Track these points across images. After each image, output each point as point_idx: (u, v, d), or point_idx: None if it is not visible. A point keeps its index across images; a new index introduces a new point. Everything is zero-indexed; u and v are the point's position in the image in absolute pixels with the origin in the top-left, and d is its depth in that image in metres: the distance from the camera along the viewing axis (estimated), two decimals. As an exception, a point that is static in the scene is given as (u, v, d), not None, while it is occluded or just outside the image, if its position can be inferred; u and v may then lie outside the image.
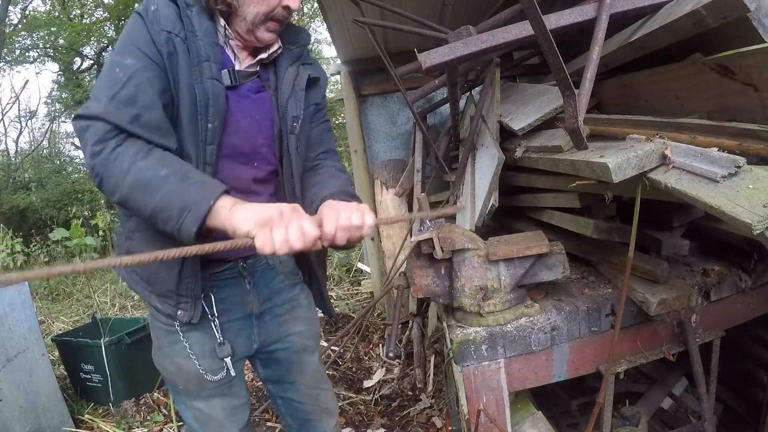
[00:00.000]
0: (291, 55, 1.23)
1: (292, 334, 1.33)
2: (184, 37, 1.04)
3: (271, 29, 1.13)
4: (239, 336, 1.25)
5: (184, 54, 1.03)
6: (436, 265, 1.44)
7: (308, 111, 1.25)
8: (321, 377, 1.45)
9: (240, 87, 1.15)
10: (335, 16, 3.17)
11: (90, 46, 16.07)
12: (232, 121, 1.12)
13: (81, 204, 11.09)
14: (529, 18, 1.09)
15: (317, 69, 1.29)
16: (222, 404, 1.26)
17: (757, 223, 0.86)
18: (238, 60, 1.16)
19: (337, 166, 1.32)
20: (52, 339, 3.25)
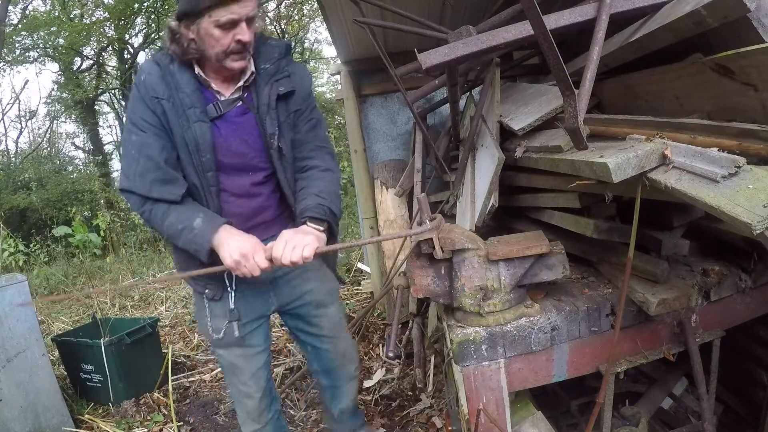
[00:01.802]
0: (266, 73, 1.45)
1: (306, 293, 1.65)
2: (169, 96, 1.36)
3: (236, 59, 1.36)
4: (255, 302, 1.60)
5: (171, 111, 1.36)
6: (436, 265, 1.44)
7: (288, 121, 1.48)
8: (339, 327, 1.74)
9: (226, 114, 1.42)
10: (335, 16, 3.17)
11: (90, 46, 16.07)
12: (222, 146, 1.42)
13: (81, 204, 11.09)
14: (529, 18, 1.09)
15: (291, 80, 1.48)
16: (238, 352, 1.63)
17: (757, 223, 0.86)
18: (220, 93, 1.43)
19: (323, 165, 1.53)
20: (52, 339, 3.25)
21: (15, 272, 3.07)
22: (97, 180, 13.46)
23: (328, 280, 1.73)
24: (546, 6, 1.59)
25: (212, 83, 1.41)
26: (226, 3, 1.27)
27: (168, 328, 4.23)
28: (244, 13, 1.30)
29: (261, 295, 1.60)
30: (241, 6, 1.29)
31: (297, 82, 1.49)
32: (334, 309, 1.73)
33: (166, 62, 1.38)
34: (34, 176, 12.56)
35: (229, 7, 1.27)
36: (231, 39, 1.32)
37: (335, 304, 1.74)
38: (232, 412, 2.87)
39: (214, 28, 1.30)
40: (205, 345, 3.83)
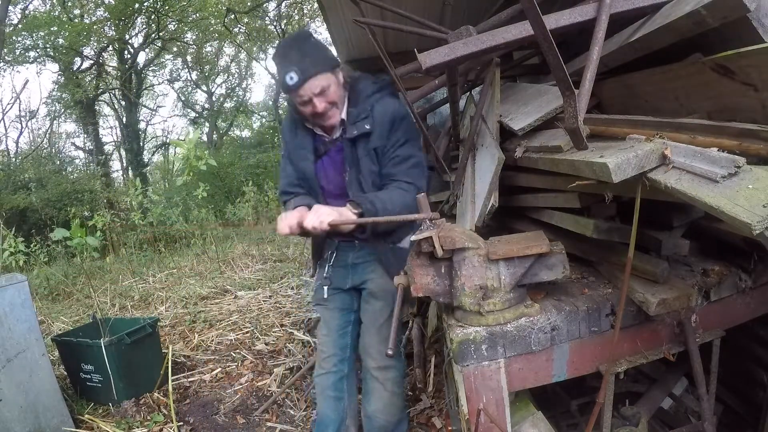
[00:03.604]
0: (351, 116, 1.79)
1: (367, 280, 1.97)
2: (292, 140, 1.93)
3: (321, 122, 1.79)
4: (341, 275, 2.02)
5: (293, 151, 1.93)
6: (436, 264, 1.44)
7: (368, 156, 1.78)
8: (375, 323, 1.94)
9: (329, 152, 1.87)
10: (335, 16, 3.17)
11: (90, 46, 16.06)
12: (323, 177, 1.89)
13: (81, 204, 11.08)
14: (529, 18, 1.09)
15: (368, 120, 1.76)
16: (322, 310, 2.08)
17: (756, 223, 0.86)
18: (326, 136, 1.87)
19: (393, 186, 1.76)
20: (52, 339, 3.25)
21: (15, 272, 3.07)
22: (97, 180, 13.45)
23: (385, 279, 1.89)
24: (546, 6, 1.59)
25: (323, 130, 1.85)
26: (293, 92, 1.68)
27: (168, 328, 4.23)
28: (309, 94, 1.68)
29: (343, 272, 2.01)
30: (305, 90, 1.67)
31: (375, 121, 1.76)
32: (381, 305, 1.92)
33: (294, 120, 1.92)
34: (34, 176, 12.56)
35: (296, 93, 1.69)
36: (311, 110, 1.73)
37: (385, 301, 1.91)
38: (232, 412, 2.87)
39: (298, 105, 1.76)
40: (205, 345, 3.83)
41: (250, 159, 14.62)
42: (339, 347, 2.03)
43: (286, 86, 1.68)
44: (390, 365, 1.95)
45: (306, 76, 1.65)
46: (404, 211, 1.67)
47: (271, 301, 4.67)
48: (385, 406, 1.96)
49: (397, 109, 1.79)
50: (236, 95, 22.79)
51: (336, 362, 2.03)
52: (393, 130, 1.76)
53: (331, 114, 1.76)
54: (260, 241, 7.89)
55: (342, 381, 2.04)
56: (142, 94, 19.20)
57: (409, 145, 1.79)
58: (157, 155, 21.74)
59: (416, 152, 1.81)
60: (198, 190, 7.29)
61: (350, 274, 2.01)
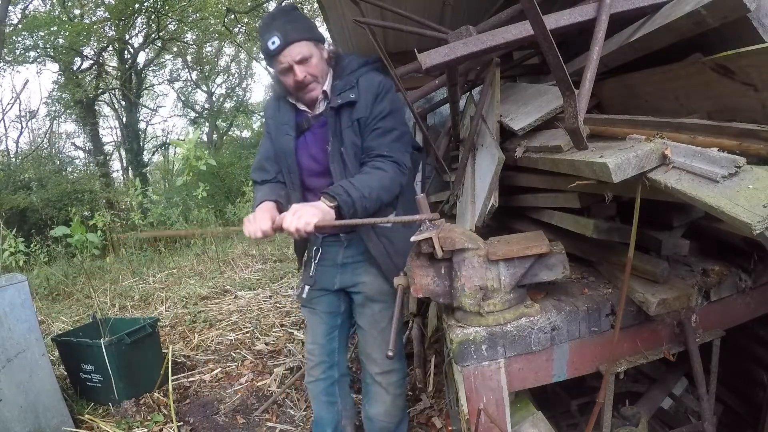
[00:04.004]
0: (336, 89, 1.75)
1: (359, 284, 1.88)
2: (273, 116, 1.88)
3: (304, 92, 1.75)
4: (326, 276, 1.92)
5: (274, 128, 1.87)
6: (436, 264, 1.44)
7: (352, 128, 1.72)
8: (376, 326, 1.88)
9: (312, 127, 1.81)
10: (335, 16, 3.17)
11: (90, 46, 16.06)
12: (303, 153, 1.82)
13: (81, 204, 11.09)
14: (529, 18, 1.09)
15: (353, 91, 1.72)
16: (307, 313, 2.02)
17: (757, 223, 0.86)
18: (309, 111, 1.82)
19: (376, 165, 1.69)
20: (52, 339, 3.25)
21: (15, 272, 3.07)
22: (97, 180, 13.45)
23: (380, 281, 1.84)
24: (546, 6, 1.59)
25: (305, 105, 1.81)
26: (274, 57, 1.66)
27: (168, 328, 4.23)
28: (290, 60, 1.66)
29: (331, 271, 1.92)
30: (284, 56, 1.65)
31: (360, 92, 1.72)
32: (381, 308, 1.87)
33: (276, 96, 1.90)
34: (34, 176, 12.57)
35: (277, 59, 1.67)
36: (292, 79, 1.70)
37: (384, 304, 1.87)
38: (232, 412, 2.87)
39: (279, 75, 1.74)
40: (205, 345, 3.83)
41: (250, 159, 14.61)
42: (326, 354, 1.98)
43: (268, 51, 1.66)
44: (393, 369, 1.93)
45: (287, 41, 1.64)
46: (383, 193, 1.64)
47: (271, 301, 4.67)
48: (387, 409, 1.95)
49: (382, 82, 1.76)
50: (236, 95, 22.80)
51: (325, 369, 1.99)
52: (377, 102, 1.72)
53: (312, 87, 1.73)
54: (260, 241, 7.89)
55: (333, 386, 2.01)
56: (142, 94, 19.20)
57: (391, 117, 1.73)
58: (157, 155, 21.75)
59: (399, 125, 1.76)
60: (198, 190, 7.29)
61: (339, 274, 1.91)
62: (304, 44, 1.66)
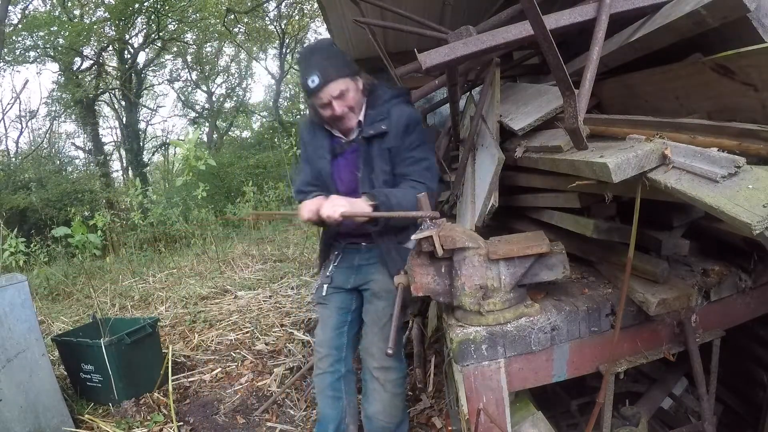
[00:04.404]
0: (369, 118, 1.88)
1: (370, 280, 2.00)
2: (310, 141, 2.02)
3: (340, 124, 1.89)
4: (343, 275, 2.06)
5: (311, 152, 2.02)
6: (436, 263, 1.44)
7: (382, 156, 1.86)
8: (378, 322, 1.95)
9: (344, 152, 1.95)
10: (335, 16, 3.18)
11: (90, 46, 16.07)
12: (337, 176, 1.96)
13: (81, 204, 11.09)
14: (529, 18, 1.09)
15: (385, 122, 1.84)
16: (321, 309, 2.12)
17: (756, 223, 0.86)
18: (343, 138, 1.96)
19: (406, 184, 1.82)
20: (52, 339, 3.24)
21: (15, 272, 3.07)
22: (97, 180, 13.46)
23: (389, 281, 1.89)
24: (546, 6, 1.59)
25: (340, 131, 1.95)
26: (314, 94, 1.79)
27: (168, 328, 4.23)
28: (329, 97, 1.79)
29: (347, 272, 2.06)
30: (325, 93, 1.78)
31: (391, 123, 1.84)
32: (384, 305, 1.95)
33: (310, 123, 2.04)
34: (34, 176, 12.57)
35: (316, 96, 1.80)
36: (330, 113, 1.84)
37: (388, 302, 1.93)
38: (232, 412, 2.87)
39: (319, 108, 1.86)
40: (205, 345, 3.83)
41: (250, 159, 14.61)
42: (335, 347, 2.05)
43: (308, 89, 1.79)
44: (391, 366, 1.95)
45: (326, 80, 1.76)
46: (412, 209, 1.70)
47: (271, 301, 4.66)
48: (385, 407, 1.95)
49: (412, 115, 1.90)
50: (236, 95, 22.81)
51: (332, 362, 2.05)
52: (408, 134, 1.85)
53: (349, 117, 1.87)
54: (260, 240, 7.89)
55: (339, 381, 2.05)
56: (142, 94, 19.20)
57: (422, 148, 1.87)
58: (157, 155, 21.76)
59: (429, 156, 1.90)
60: (198, 190, 7.29)
61: (354, 275, 2.05)
62: (341, 81, 1.78)
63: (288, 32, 19.86)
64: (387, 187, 1.86)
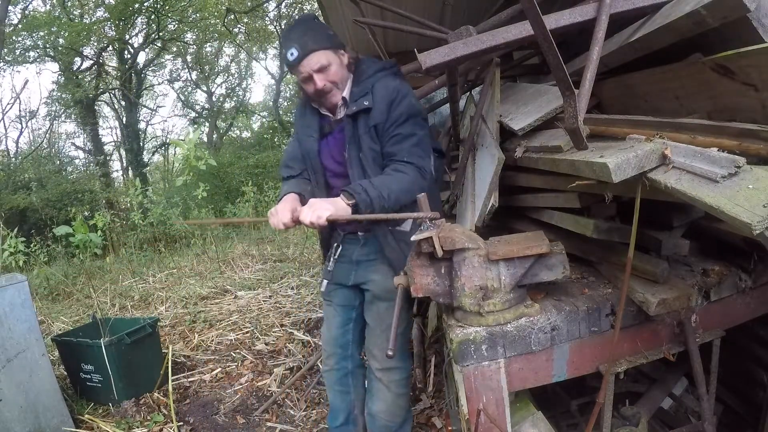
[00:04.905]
0: (353, 94, 1.79)
1: (369, 281, 1.94)
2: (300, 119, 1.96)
3: (324, 99, 1.81)
4: (342, 271, 2.00)
5: (300, 130, 1.96)
6: (436, 264, 1.44)
7: (369, 134, 1.76)
8: (380, 325, 1.92)
9: (333, 131, 1.88)
10: (335, 16, 3.17)
11: (90, 46, 16.07)
12: (326, 155, 1.90)
13: (81, 204, 11.09)
14: (529, 18, 1.09)
15: (368, 97, 1.75)
16: (326, 306, 2.12)
17: (757, 223, 0.86)
18: (331, 116, 1.89)
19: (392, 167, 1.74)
20: (52, 339, 3.25)
21: (15, 272, 3.07)
22: (97, 180, 13.46)
23: (389, 280, 1.84)
24: (546, 6, 1.59)
25: (327, 110, 1.88)
26: (294, 67, 1.74)
27: (168, 328, 4.23)
28: (309, 70, 1.72)
29: (347, 267, 2.00)
30: (304, 66, 1.72)
31: (375, 98, 1.74)
32: (386, 306, 1.90)
33: (301, 105, 2.00)
34: (34, 176, 12.56)
35: (296, 69, 1.74)
36: (313, 87, 1.76)
37: (390, 303, 1.87)
38: (232, 412, 2.87)
39: (301, 83, 1.81)
40: (205, 345, 3.83)
41: (251, 159, 14.62)
42: (339, 345, 2.05)
43: (288, 62, 1.74)
44: (394, 367, 1.94)
45: (305, 52, 1.70)
46: (402, 195, 1.66)
47: (271, 301, 4.67)
48: (388, 407, 1.96)
49: (397, 87, 1.76)
50: (236, 95, 22.80)
51: (338, 360, 2.06)
52: (393, 108, 1.73)
53: (333, 93, 1.79)
54: (260, 240, 7.89)
55: (347, 377, 2.06)
56: (142, 94, 19.20)
57: (410, 123, 1.74)
58: (157, 155, 21.75)
59: (418, 130, 1.76)
60: (198, 190, 7.29)
61: (353, 271, 2.00)
62: (321, 53, 1.71)
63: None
64: (378, 166, 1.77)
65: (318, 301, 4.39)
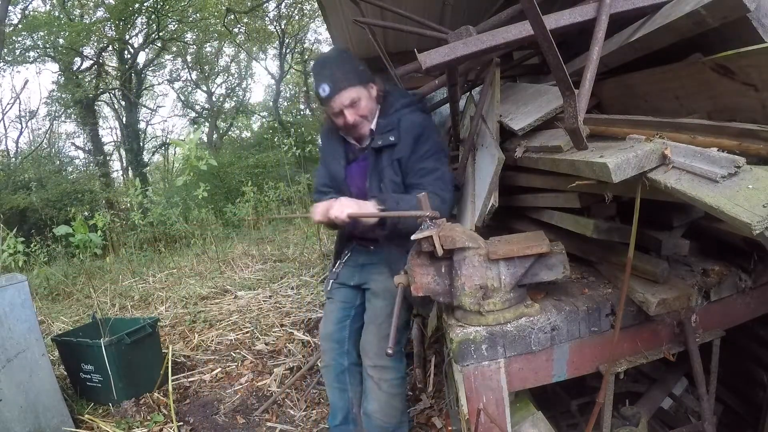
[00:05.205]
0: (379, 127, 1.89)
1: (371, 280, 2.04)
2: (326, 146, 2.07)
3: (352, 132, 1.91)
4: (348, 273, 2.12)
5: (327, 155, 2.05)
6: (436, 263, 1.44)
7: (391, 166, 1.85)
8: (374, 321, 1.97)
9: (358, 158, 1.99)
10: (335, 16, 3.18)
11: (90, 46, 16.07)
12: (350, 180, 1.99)
13: (81, 204, 11.09)
14: (529, 18, 1.09)
15: (394, 132, 1.84)
16: (327, 303, 2.20)
17: (757, 223, 0.86)
18: (357, 144, 1.99)
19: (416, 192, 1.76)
20: (52, 339, 3.25)
21: (15, 272, 3.07)
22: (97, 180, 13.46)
23: (388, 280, 1.89)
24: (546, 6, 1.59)
25: (353, 139, 1.98)
26: (326, 102, 1.83)
27: (168, 328, 4.23)
28: (341, 105, 1.81)
29: (353, 270, 2.12)
30: (336, 102, 1.80)
31: (401, 133, 1.83)
32: (383, 304, 1.97)
33: (326, 132, 2.09)
34: (34, 176, 12.55)
35: (328, 104, 1.83)
36: (343, 121, 1.85)
37: (387, 301, 1.96)
38: (232, 412, 2.87)
39: (331, 116, 1.89)
40: (205, 345, 3.83)
41: (250, 159, 14.61)
42: (336, 341, 2.10)
43: (320, 97, 1.83)
44: (386, 365, 1.95)
45: (337, 89, 1.78)
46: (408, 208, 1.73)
47: (271, 301, 4.67)
48: (381, 407, 1.96)
49: (424, 123, 1.88)
50: (236, 95, 22.81)
51: (334, 356, 2.10)
52: (419, 144, 1.84)
53: (362, 125, 1.88)
54: (260, 240, 7.89)
55: (344, 374, 2.08)
56: (142, 94, 19.20)
57: (434, 158, 1.85)
58: (157, 155, 21.75)
59: (441, 166, 1.86)
60: (198, 190, 7.29)
61: (358, 273, 2.10)
62: (353, 90, 1.79)
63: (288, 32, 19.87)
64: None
65: (318, 301, 4.39)
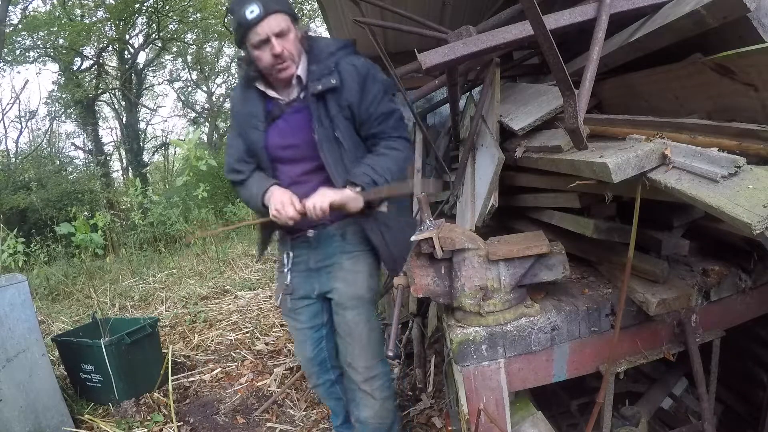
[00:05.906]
0: (313, 73, 1.67)
1: (333, 289, 1.81)
2: (240, 110, 1.78)
3: (280, 70, 1.63)
4: (304, 282, 1.85)
5: (242, 121, 1.78)
6: (436, 264, 1.44)
7: (342, 113, 1.66)
8: (352, 333, 1.81)
9: (283, 114, 1.72)
10: (335, 16, 3.17)
11: (90, 46, 16.06)
12: (274, 143, 1.73)
13: (81, 204, 11.07)
14: (529, 18, 1.09)
15: (334, 76, 1.64)
16: (291, 322, 1.97)
17: (757, 223, 0.86)
18: (280, 98, 1.73)
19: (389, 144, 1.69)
20: (52, 339, 3.24)
21: (15, 272, 3.07)
22: (97, 180, 13.45)
23: (353, 285, 1.80)
24: (546, 6, 1.59)
25: (276, 92, 1.73)
26: (251, 28, 1.55)
27: (168, 328, 4.23)
28: (269, 32, 1.55)
29: (308, 278, 1.86)
30: (263, 27, 1.55)
31: (343, 76, 1.65)
32: (353, 315, 1.80)
33: (242, 83, 1.80)
34: (34, 176, 12.53)
35: (254, 30, 1.55)
36: (269, 55, 1.59)
37: (356, 310, 1.80)
38: (232, 412, 2.87)
39: (254, 50, 1.60)
40: (205, 345, 3.83)
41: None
42: (318, 363, 1.98)
43: (245, 21, 1.55)
44: (376, 374, 1.87)
45: (268, 11, 1.54)
46: (399, 173, 1.67)
47: (271, 301, 4.66)
48: (376, 412, 1.91)
49: (366, 65, 1.71)
50: (236, 95, 22.76)
51: (320, 376, 2.02)
52: (367, 86, 1.67)
53: (288, 66, 1.63)
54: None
55: (333, 387, 2.04)
56: (142, 94, 19.20)
57: (387, 99, 1.71)
58: (157, 155, 21.74)
59: (395, 104, 1.73)
60: (198, 190, 7.29)
61: (316, 281, 1.86)
62: (282, 17, 1.57)
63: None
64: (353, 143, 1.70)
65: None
